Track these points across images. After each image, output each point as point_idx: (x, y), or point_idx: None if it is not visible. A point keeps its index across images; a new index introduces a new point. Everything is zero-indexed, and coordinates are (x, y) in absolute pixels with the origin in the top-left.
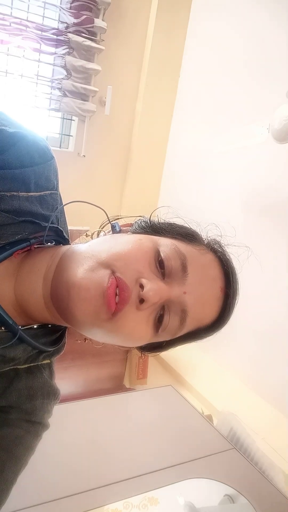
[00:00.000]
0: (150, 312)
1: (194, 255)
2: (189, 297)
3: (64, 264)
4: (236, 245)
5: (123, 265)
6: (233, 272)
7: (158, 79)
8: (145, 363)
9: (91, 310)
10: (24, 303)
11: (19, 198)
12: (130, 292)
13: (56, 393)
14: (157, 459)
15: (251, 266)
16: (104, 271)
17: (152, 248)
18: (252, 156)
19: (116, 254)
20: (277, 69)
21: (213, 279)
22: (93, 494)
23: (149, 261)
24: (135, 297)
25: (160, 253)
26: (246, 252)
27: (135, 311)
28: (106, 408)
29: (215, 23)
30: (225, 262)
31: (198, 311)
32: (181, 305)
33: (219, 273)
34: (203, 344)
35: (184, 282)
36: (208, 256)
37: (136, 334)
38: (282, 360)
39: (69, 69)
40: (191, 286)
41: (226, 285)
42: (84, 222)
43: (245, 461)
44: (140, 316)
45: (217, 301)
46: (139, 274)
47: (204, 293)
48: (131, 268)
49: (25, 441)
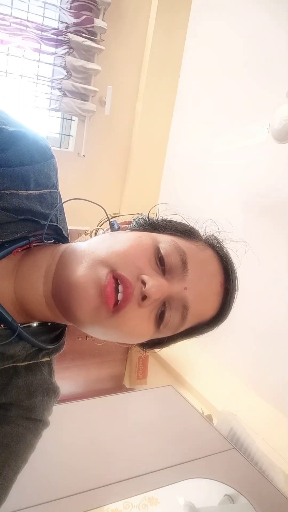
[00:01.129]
0: (151, 309)
1: (193, 251)
2: (189, 293)
3: (64, 262)
4: (234, 240)
5: (123, 262)
6: (232, 268)
7: (158, 79)
8: (145, 363)
9: (91, 308)
10: (24, 301)
11: (19, 196)
12: (133, 288)
13: (56, 391)
14: (157, 459)
15: (250, 263)
16: (103, 269)
17: (152, 245)
18: (252, 156)
19: (116, 252)
20: (277, 69)
21: (212, 275)
22: (93, 494)
23: (149, 258)
24: (138, 294)
25: (160, 250)
26: (244, 247)
27: (136, 308)
28: (106, 408)
29: (215, 23)
30: (224, 257)
31: (199, 307)
32: (182, 301)
33: (218, 269)
34: (203, 344)
35: (184, 278)
36: (207, 252)
37: (138, 331)
38: (282, 360)
39: (69, 69)
40: (191, 282)
41: (225, 280)
42: (84, 221)
43: (245, 461)
44: (141, 313)
45: (217, 296)
46: (140, 271)
47: (204, 288)
48: (131, 265)
49: (25, 438)
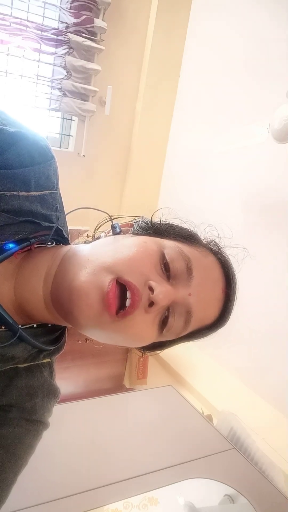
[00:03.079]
0: (156, 314)
1: (197, 257)
2: (193, 299)
3: (65, 266)
4: (235, 247)
5: (130, 269)
6: (232, 273)
7: (158, 79)
8: (145, 363)
9: (92, 314)
10: (24, 303)
11: (19, 198)
12: (141, 295)
13: (56, 392)
14: (157, 459)
15: (251, 266)
16: (107, 275)
17: (157, 251)
18: (252, 156)
19: (122, 258)
20: (277, 69)
21: (215, 281)
22: (93, 494)
23: (155, 264)
24: (145, 300)
25: (165, 256)
26: (244, 252)
27: (143, 314)
28: (106, 408)
29: (215, 23)
30: (225, 263)
31: (202, 312)
32: (186, 306)
33: (220, 275)
34: (203, 344)
35: (189, 284)
36: (210, 258)
37: (142, 335)
38: (282, 360)
39: (69, 69)
40: (195, 288)
41: (227, 286)
42: (84, 222)
43: (245, 461)
44: (147, 319)
45: (218, 302)
46: (147, 277)
47: (207, 294)
48: (138, 271)
49: (25, 440)
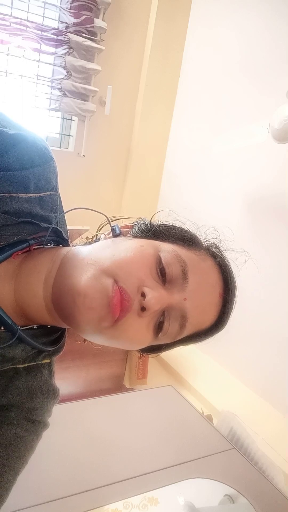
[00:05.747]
0: (150, 318)
1: (194, 261)
2: (189, 304)
3: (66, 268)
4: (235, 250)
5: (125, 273)
6: (231, 278)
7: (158, 79)
8: (145, 363)
9: (95, 318)
10: (24, 305)
11: (19, 200)
12: (132, 301)
13: (56, 392)
14: (157, 459)
15: (251, 265)
16: (107, 279)
17: (153, 255)
18: (252, 156)
19: (118, 262)
20: (277, 69)
21: (212, 285)
22: (93, 494)
23: (150, 268)
24: (137, 305)
25: (161, 260)
26: (245, 253)
27: (136, 318)
28: (106, 408)
29: (216, 23)
30: (224, 267)
31: (198, 317)
32: (181, 311)
33: (218, 279)
34: (203, 345)
35: (184, 288)
36: (208, 261)
37: (137, 339)
38: (282, 360)
39: (69, 69)
40: (191, 293)
41: (224, 291)
42: (84, 221)
43: (245, 461)
44: (141, 323)
45: (215, 307)
46: (141, 282)
47: (204, 299)
48: (133, 276)
49: (25, 440)
